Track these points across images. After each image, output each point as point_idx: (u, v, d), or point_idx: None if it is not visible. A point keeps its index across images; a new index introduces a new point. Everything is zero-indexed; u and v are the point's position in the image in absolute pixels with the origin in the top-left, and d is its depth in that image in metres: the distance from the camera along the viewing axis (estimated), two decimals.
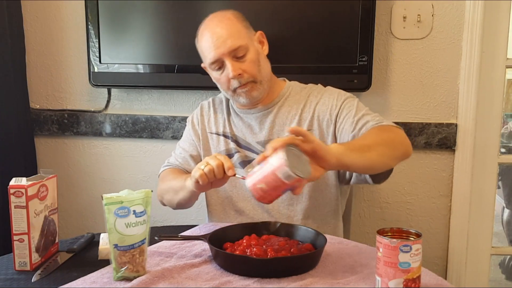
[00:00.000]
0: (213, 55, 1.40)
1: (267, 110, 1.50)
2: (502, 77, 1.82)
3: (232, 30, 1.40)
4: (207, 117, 1.59)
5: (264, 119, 1.50)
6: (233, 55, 1.39)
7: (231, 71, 1.39)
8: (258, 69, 1.43)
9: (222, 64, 1.41)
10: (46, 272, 1.10)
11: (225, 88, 1.46)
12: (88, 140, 2.09)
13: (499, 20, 1.78)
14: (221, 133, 1.55)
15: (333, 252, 1.17)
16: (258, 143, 1.50)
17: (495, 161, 1.86)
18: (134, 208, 1.01)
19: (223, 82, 1.44)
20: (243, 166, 1.50)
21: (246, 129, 1.52)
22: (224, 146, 1.53)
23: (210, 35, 1.40)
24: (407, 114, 1.88)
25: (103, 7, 1.88)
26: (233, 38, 1.39)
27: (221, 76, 1.43)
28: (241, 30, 1.42)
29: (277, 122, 1.49)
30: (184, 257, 1.14)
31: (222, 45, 1.38)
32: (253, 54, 1.42)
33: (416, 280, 0.93)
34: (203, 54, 1.45)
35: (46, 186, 1.17)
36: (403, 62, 1.85)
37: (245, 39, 1.41)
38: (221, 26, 1.41)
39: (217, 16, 1.45)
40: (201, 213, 1.64)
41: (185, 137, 1.63)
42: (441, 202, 1.90)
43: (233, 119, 1.55)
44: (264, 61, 1.46)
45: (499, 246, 2.64)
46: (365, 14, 1.74)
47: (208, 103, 1.62)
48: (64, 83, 2.07)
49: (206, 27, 1.44)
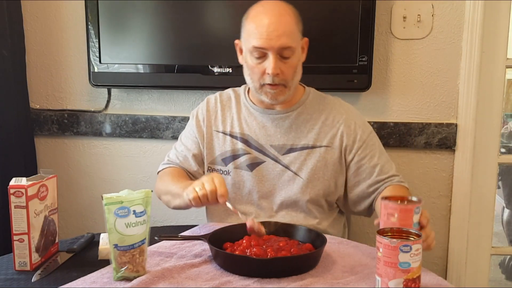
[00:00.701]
0: (261, 43, 1.35)
1: (285, 114, 1.48)
2: (502, 77, 1.81)
3: (289, 29, 1.37)
4: (213, 114, 1.55)
5: (281, 122, 1.48)
6: (279, 53, 1.36)
7: (272, 68, 1.35)
8: (293, 75, 1.41)
9: (264, 55, 1.37)
10: (46, 272, 1.10)
11: (254, 78, 1.42)
12: (88, 140, 2.09)
13: (499, 20, 1.78)
14: (228, 132, 1.52)
15: (333, 252, 1.17)
16: (272, 146, 1.47)
17: (495, 161, 1.86)
18: (134, 208, 1.01)
19: (256, 72, 1.40)
20: (251, 168, 1.47)
21: (260, 130, 1.49)
22: (230, 146, 1.50)
23: (267, 22, 1.35)
24: (407, 114, 1.88)
25: (103, 7, 1.88)
26: (288, 37, 1.36)
27: (256, 65, 1.39)
28: (296, 32, 1.40)
29: (294, 128, 1.48)
30: (184, 257, 1.14)
31: (275, 39, 1.34)
32: (295, 59, 1.40)
33: (416, 280, 0.93)
34: (249, 35, 1.39)
35: (46, 186, 1.17)
36: (403, 62, 1.85)
37: (296, 43, 1.39)
38: (281, 20, 1.36)
39: (279, 6, 1.39)
40: (201, 213, 1.64)
41: (188, 133, 1.59)
42: (441, 202, 1.90)
43: (245, 118, 1.51)
44: (299, 68, 1.44)
45: (499, 246, 2.64)
46: (365, 14, 1.74)
47: (215, 98, 1.58)
48: (64, 83, 2.07)
49: (264, 12, 1.38)
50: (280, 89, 1.40)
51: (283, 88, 1.41)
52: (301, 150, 1.46)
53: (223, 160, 1.50)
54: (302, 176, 1.45)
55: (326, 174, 1.46)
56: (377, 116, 1.88)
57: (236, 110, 1.53)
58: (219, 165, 1.51)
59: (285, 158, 1.47)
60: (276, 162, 1.47)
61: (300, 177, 1.45)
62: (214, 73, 1.84)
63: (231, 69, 1.83)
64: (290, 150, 1.47)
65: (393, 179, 1.44)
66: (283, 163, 1.46)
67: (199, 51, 1.86)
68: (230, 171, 1.49)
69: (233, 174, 1.49)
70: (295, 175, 1.46)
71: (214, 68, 1.84)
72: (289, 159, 1.46)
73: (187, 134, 1.58)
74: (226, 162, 1.50)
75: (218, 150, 1.51)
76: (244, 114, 1.52)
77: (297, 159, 1.46)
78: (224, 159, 1.50)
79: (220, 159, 1.51)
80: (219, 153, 1.51)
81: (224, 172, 1.50)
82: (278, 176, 1.47)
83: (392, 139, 1.86)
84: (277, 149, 1.47)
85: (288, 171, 1.46)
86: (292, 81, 1.42)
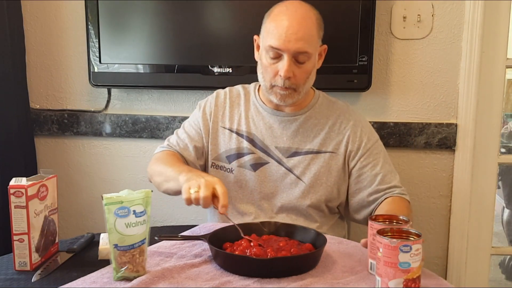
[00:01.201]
0: (278, 44, 1.34)
1: (293, 116, 1.48)
2: (502, 77, 1.82)
3: (309, 33, 1.35)
4: (221, 109, 1.53)
5: (288, 124, 1.48)
6: (295, 56, 1.35)
7: (285, 71, 1.34)
8: (305, 80, 1.40)
9: (280, 56, 1.36)
10: (46, 272, 1.10)
11: (266, 77, 1.41)
12: (88, 140, 2.09)
13: (499, 20, 1.78)
14: (235, 130, 1.51)
15: (333, 252, 1.17)
16: (277, 148, 1.47)
17: (495, 161, 1.86)
18: (134, 208, 1.01)
19: (269, 72, 1.39)
20: (254, 168, 1.47)
21: (266, 130, 1.48)
22: (235, 144, 1.49)
23: (287, 24, 1.33)
24: (407, 114, 1.88)
25: (103, 7, 1.88)
26: (306, 42, 1.34)
27: (270, 65, 1.38)
28: (315, 38, 1.38)
29: (300, 132, 1.47)
30: (184, 257, 1.14)
31: (293, 42, 1.33)
32: (310, 65, 1.39)
33: (416, 280, 0.93)
34: (268, 33, 1.38)
35: (46, 186, 1.17)
36: (403, 62, 1.85)
37: (314, 49, 1.38)
38: (302, 23, 1.34)
39: (302, 9, 1.37)
40: (201, 213, 1.64)
41: (192, 123, 1.56)
42: (441, 202, 1.90)
43: (253, 117, 1.50)
44: (313, 74, 1.43)
45: (499, 246, 2.64)
46: (365, 14, 1.74)
47: (224, 94, 1.56)
48: (64, 83, 2.07)
49: (287, 13, 1.36)
50: (289, 92, 1.39)
51: (293, 92, 1.39)
52: (306, 154, 1.46)
53: (228, 158, 1.50)
54: (304, 180, 1.45)
55: (329, 180, 1.45)
56: (377, 116, 1.88)
57: (244, 108, 1.52)
58: (223, 161, 1.51)
59: (289, 161, 1.46)
60: (280, 164, 1.46)
61: (302, 182, 1.45)
62: (214, 73, 1.84)
63: (231, 69, 1.83)
64: (294, 153, 1.46)
65: (394, 190, 1.43)
66: (287, 166, 1.46)
67: (199, 51, 1.87)
68: (233, 169, 1.49)
69: (236, 172, 1.48)
70: (298, 179, 1.45)
71: (214, 68, 1.84)
72: (293, 163, 1.46)
73: (191, 123, 1.56)
74: (230, 159, 1.49)
75: (223, 147, 1.50)
76: (252, 113, 1.51)
77: (301, 163, 1.45)
78: (229, 157, 1.50)
79: (225, 156, 1.50)
80: (223, 150, 1.50)
81: (227, 170, 1.49)
82: (280, 179, 1.46)
83: (392, 139, 1.86)
84: (281, 152, 1.46)
85: (291, 174, 1.46)
86: (304, 86, 1.40)
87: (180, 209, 2.04)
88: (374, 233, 0.98)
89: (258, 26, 1.48)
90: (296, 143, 1.47)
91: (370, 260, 1.05)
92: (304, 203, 1.44)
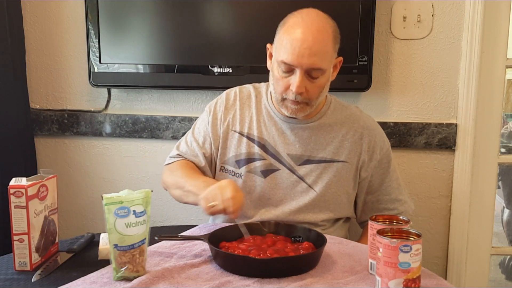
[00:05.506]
0: (291, 60, 1.28)
1: (306, 124, 1.43)
2: (502, 77, 1.82)
3: (324, 49, 1.29)
4: (231, 112, 1.49)
5: (300, 132, 1.44)
6: (308, 72, 1.30)
7: (296, 87, 1.29)
8: (319, 94, 1.35)
9: (292, 70, 1.30)
10: (46, 272, 1.10)
11: (278, 90, 1.36)
12: (88, 140, 2.09)
13: (499, 20, 1.78)
14: (245, 134, 1.46)
15: (333, 252, 1.17)
16: (289, 155, 1.43)
17: (495, 161, 1.86)
18: (134, 208, 1.01)
19: (280, 85, 1.34)
20: (264, 175, 1.43)
21: (278, 136, 1.44)
22: (246, 149, 1.45)
23: (300, 38, 1.27)
24: (407, 114, 1.88)
25: (103, 7, 1.88)
26: (320, 58, 1.28)
27: (282, 79, 1.33)
28: (330, 53, 1.32)
29: (313, 139, 1.43)
30: (184, 257, 1.14)
31: (306, 58, 1.27)
32: (324, 80, 1.34)
33: (416, 280, 0.93)
34: (281, 46, 1.31)
35: (46, 186, 1.17)
36: (403, 62, 1.85)
37: (328, 63, 1.32)
38: (317, 37, 1.27)
39: (319, 21, 1.31)
40: (201, 213, 1.64)
41: (201, 129, 1.53)
42: (441, 202, 1.90)
43: (265, 121, 1.46)
44: (327, 87, 1.38)
45: (499, 246, 2.65)
46: (365, 14, 1.74)
47: (234, 95, 1.51)
48: (64, 83, 2.07)
49: (302, 25, 1.29)
50: (301, 106, 1.34)
51: (305, 106, 1.35)
52: (318, 163, 1.43)
53: (237, 162, 1.46)
54: (316, 189, 1.42)
55: (339, 189, 1.44)
56: (377, 116, 1.88)
57: (256, 111, 1.47)
58: (232, 166, 1.47)
59: (301, 169, 1.43)
60: (292, 172, 1.43)
61: (314, 190, 1.42)
62: (214, 73, 1.84)
63: (231, 69, 1.83)
64: (306, 161, 1.43)
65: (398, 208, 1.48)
66: (298, 174, 1.43)
67: (199, 51, 1.87)
68: (242, 174, 1.45)
69: (245, 178, 1.45)
70: (309, 187, 1.43)
71: (214, 68, 1.84)
72: (305, 171, 1.43)
73: (200, 129, 1.53)
74: (240, 164, 1.46)
75: (232, 151, 1.47)
76: (264, 117, 1.47)
77: (313, 172, 1.43)
78: (238, 161, 1.46)
79: (234, 160, 1.47)
80: (233, 154, 1.47)
81: (236, 174, 1.46)
82: (291, 186, 1.43)
83: (392, 139, 1.86)
84: (293, 159, 1.43)
85: (302, 182, 1.43)
86: (317, 100, 1.36)
87: (180, 209, 2.04)
88: (374, 233, 0.98)
89: (258, 27, 1.47)
90: (309, 150, 1.43)
91: (370, 260, 1.05)
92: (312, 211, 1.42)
